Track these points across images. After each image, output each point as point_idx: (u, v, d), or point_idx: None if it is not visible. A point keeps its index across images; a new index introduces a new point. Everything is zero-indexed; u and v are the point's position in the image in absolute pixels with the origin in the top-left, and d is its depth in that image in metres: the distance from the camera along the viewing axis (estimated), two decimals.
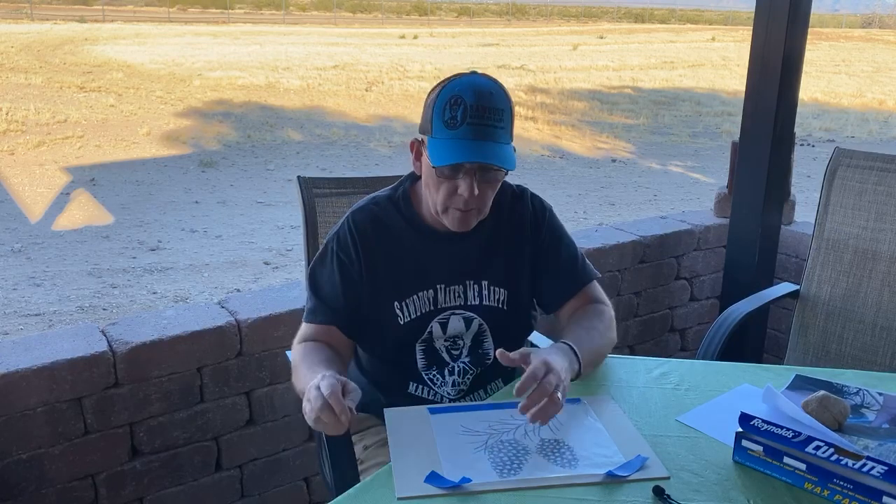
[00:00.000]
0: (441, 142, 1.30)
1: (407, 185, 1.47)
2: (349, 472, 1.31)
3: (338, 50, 22.13)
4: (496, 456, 1.14)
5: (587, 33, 36.38)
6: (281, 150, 9.46)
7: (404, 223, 1.44)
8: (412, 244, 1.43)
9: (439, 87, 1.33)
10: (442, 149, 1.30)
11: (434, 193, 1.36)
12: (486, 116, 1.29)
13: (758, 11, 2.67)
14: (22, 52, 18.01)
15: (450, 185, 1.33)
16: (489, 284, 1.45)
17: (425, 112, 1.35)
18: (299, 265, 4.96)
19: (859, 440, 1.11)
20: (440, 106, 1.30)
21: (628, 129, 11.79)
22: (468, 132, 1.28)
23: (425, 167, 1.37)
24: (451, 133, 1.29)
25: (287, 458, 2.15)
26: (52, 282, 4.87)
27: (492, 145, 1.30)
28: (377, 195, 1.49)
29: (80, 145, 9.12)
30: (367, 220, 1.43)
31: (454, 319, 1.44)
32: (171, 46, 21.02)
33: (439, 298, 1.43)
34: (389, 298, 1.41)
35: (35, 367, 1.71)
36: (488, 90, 1.30)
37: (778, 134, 2.69)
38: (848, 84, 18.26)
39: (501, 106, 1.31)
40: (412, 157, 1.41)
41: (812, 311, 2.12)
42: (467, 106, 1.28)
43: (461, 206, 1.34)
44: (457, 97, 1.29)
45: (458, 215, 1.35)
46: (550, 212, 1.53)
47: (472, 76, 1.33)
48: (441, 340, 1.44)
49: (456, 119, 1.28)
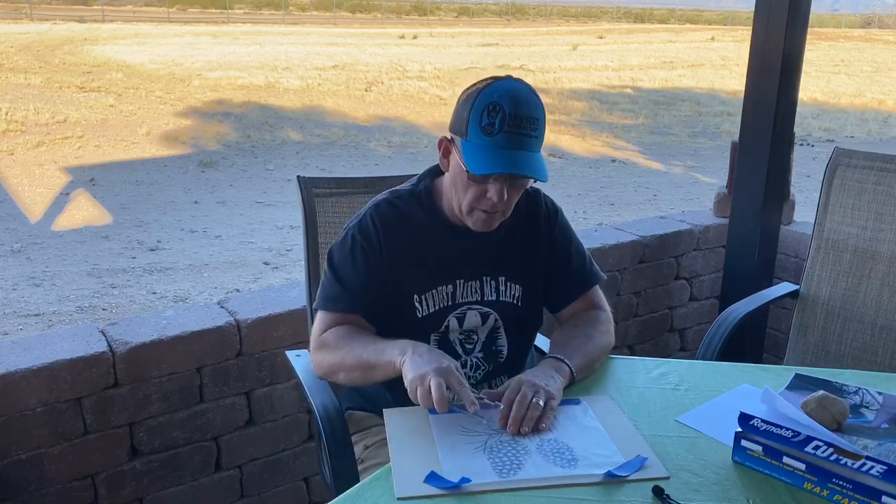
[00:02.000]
0: (477, 147, 1.30)
1: (428, 181, 1.48)
2: (349, 472, 1.31)
3: (337, 50, 22.13)
4: (496, 456, 1.14)
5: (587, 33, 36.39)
6: (280, 150, 9.45)
7: (426, 218, 1.44)
8: (433, 239, 1.44)
9: (476, 90, 1.33)
10: (478, 155, 1.30)
11: (461, 194, 1.36)
12: (523, 125, 1.30)
13: (757, 11, 2.67)
14: (21, 52, 18.02)
15: (479, 188, 1.34)
16: (506, 280, 1.47)
17: (459, 113, 1.35)
18: (299, 265, 4.97)
19: (859, 440, 1.11)
20: (478, 110, 1.30)
21: (628, 129, 11.79)
22: (504, 141, 1.29)
23: (454, 167, 1.37)
24: (487, 140, 1.29)
25: (287, 458, 2.15)
26: (52, 282, 4.87)
27: (526, 155, 1.31)
28: (398, 190, 1.49)
29: (79, 145, 9.11)
30: (391, 211, 1.43)
31: (471, 314, 1.45)
32: (171, 46, 21.02)
33: (457, 293, 1.44)
34: (409, 291, 1.42)
35: (35, 367, 1.71)
36: (526, 98, 1.31)
37: (777, 134, 2.69)
38: (847, 84, 18.27)
39: (537, 115, 1.32)
40: (439, 154, 1.41)
41: (812, 311, 2.12)
42: (506, 114, 1.28)
43: (488, 208, 1.35)
44: (496, 104, 1.29)
45: (484, 217, 1.37)
46: (561, 213, 1.56)
47: (509, 81, 1.33)
48: (456, 333, 1.45)
49: (493, 126, 1.29)
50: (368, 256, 1.41)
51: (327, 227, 1.70)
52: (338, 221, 1.69)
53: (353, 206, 1.71)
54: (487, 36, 31.83)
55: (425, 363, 1.22)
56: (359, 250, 1.41)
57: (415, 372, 1.21)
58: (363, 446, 1.49)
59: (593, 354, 1.43)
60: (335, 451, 1.33)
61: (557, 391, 1.27)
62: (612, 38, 32.69)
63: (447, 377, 1.19)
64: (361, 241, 1.41)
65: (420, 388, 1.19)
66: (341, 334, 1.39)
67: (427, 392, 1.18)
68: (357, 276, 1.41)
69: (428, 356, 1.24)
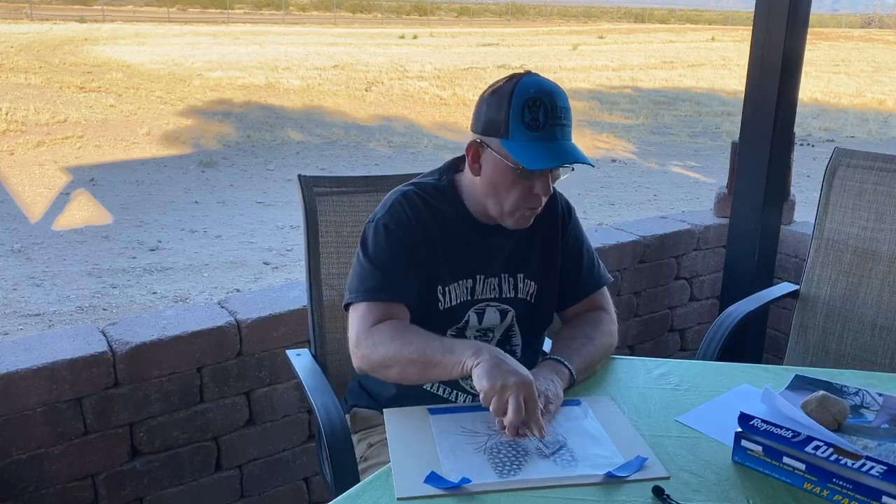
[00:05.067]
0: (525, 144, 1.30)
1: (451, 176, 1.47)
2: (349, 472, 1.31)
3: (337, 50, 22.13)
4: (496, 457, 1.14)
5: (587, 33, 36.38)
6: (281, 149, 9.45)
7: (452, 212, 1.43)
8: (457, 233, 1.43)
9: (507, 89, 1.31)
10: (528, 151, 1.29)
11: (504, 194, 1.35)
12: (562, 116, 1.31)
13: (757, 11, 2.67)
14: (22, 52, 18.01)
15: (526, 185, 1.33)
16: (524, 277, 1.47)
17: (492, 114, 1.32)
18: (299, 265, 4.96)
19: (859, 440, 1.11)
20: (517, 107, 1.29)
21: (628, 129, 11.79)
22: (550, 133, 1.30)
23: (494, 169, 1.35)
24: (534, 135, 1.29)
25: (287, 458, 2.15)
26: (52, 282, 4.87)
27: (570, 144, 1.32)
28: (420, 182, 1.46)
29: (79, 145, 9.11)
30: (419, 201, 1.41)
31: (490, 311, 1.45)
32: (171, 46, 21.01)
33: (477, 289, 1.44)
34: (434, 281, 1.41)
35: (35, 367, 1.71)
36: (556, 90, 1.32)
37: (778, 134, 2.69)
38: (847, 84, 18.26)
39: (567, 104, 1.33)
40: (468, 160, 1.38)
41: (812, 311, 2.12)
42: (547, 107, 1.29)
43: (535, 204, 1.36)
44: (535, 99, 1.29)
45: (528, 214, 1.38)
46: (574, 212, 1.57)
47: (533, 76, 1.33)
48: (473, 330, 1.45)
49: (538, 121, 1.29)
50: (405, 241, 1.37)
51: (328, 226, 1.69)
52: (339, 221, 1.69)
53: (353, 205, 1.71)
54: (487, 36, 31.82)
55: (504, 374, 1.17)
56: (395, 237, 1.37)
57: (492, 381, 1.17)
58: (367, 444, 1.49)
59: (593, 356, 1.43)
60: (335, 451, 1.33)
61: (556, 395, 1.27)
62: (612, 38, 32.68)
63: (527, 393, 1.16)
64: (395, 228, 1.38)
65: (497, 399, 1.16)
66: (398, 326, 1.33)
67: (503, 406, 1.16)
68: (398, 263, 1.37)
69: (507, 365, 1.19)
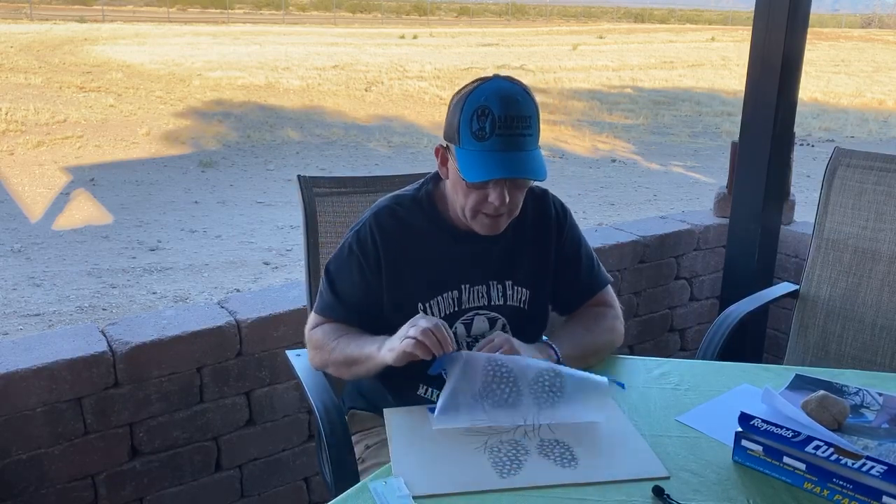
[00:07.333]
0: (471, 154, 1.29)
1: (430, 186, 1.46)
2: (349, 472, 1.31)
3: (337, 50, 22.12)
4: (496, 456, 1.14)
5: (587, 33, 36.37)
6: (280, 150, 9.45)
7: (428, 224, 1.43)
8: (436, 245, 1.42)
9: (464, 95, 1.31)
10: (472, 162, 1.28)
11: (463, 200, 1.35)
12: (515, 126, 1.27)
13: (757, 11, 2.67)
14: (21, 52, 18.00)
15: (480, 194, 1.32)
16: (513, 284, 1.46)
17: (451, 120, 1.33)
18: (299, 265, 4.97)
19: (859, 440, 1.11)
20: (467, 116, 1.28)
21: (628, 129, 11.79)
22: (498, 144, 1.27)
23: (453, 174, 1.36)
24: (480, 145, 1.28)
25: (287, 458, 2.15)
26: (52, 282, 4.87)
27: (522, 156, 1.29)
28: (400, 194, 1.47)
29: (79, 145, 9.11)
30: (391, 220, 1.42)
31: (478, 320, 1.44)
32: (171, 46, 21.00)
33: (463, 299, 1.43)
34: (414, 299, 1.40)
35: (35, 367, 1.71)
36: (514, 97, 1.28)
37: (777, 134, 2.69)
38: (847, 84, 18.26)
39: (528, 112, 1.29)
40: (438, 163, 1.40)
41: (812, 311, 2.12)
42: (495, 117, 1.26)
43: (491, 212, 1.34)
44: (483, 108, 1.27)
45: (489, 221, 1.36)
46: (570, 214, 1.54)
47: (496, 81, 1.31)
48: (464, 338, 1.44)
49: (484, 131, 1.27)
50: (363, 269, 1.40)
51: (327, 226, 1.70)
52: (338, 221, 1.69)
53: (353, 205, 1.71)
54: (487, 36, 31.81)
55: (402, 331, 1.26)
56: (355, 263, 1.41)
57: (396, 340, 1.26)
58: (364, 446, 1.49)
59: (588, 346, 1.43)
60: (335, 451, 1.33)
61: (525, 350, 1.30)
62: (612, 38, 32.67)
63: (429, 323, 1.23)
64: (358, 253, 1.41)
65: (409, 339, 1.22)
66: (328, 331, 1.42)
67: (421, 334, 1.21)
68: (352, 288, 1.41)
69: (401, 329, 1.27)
